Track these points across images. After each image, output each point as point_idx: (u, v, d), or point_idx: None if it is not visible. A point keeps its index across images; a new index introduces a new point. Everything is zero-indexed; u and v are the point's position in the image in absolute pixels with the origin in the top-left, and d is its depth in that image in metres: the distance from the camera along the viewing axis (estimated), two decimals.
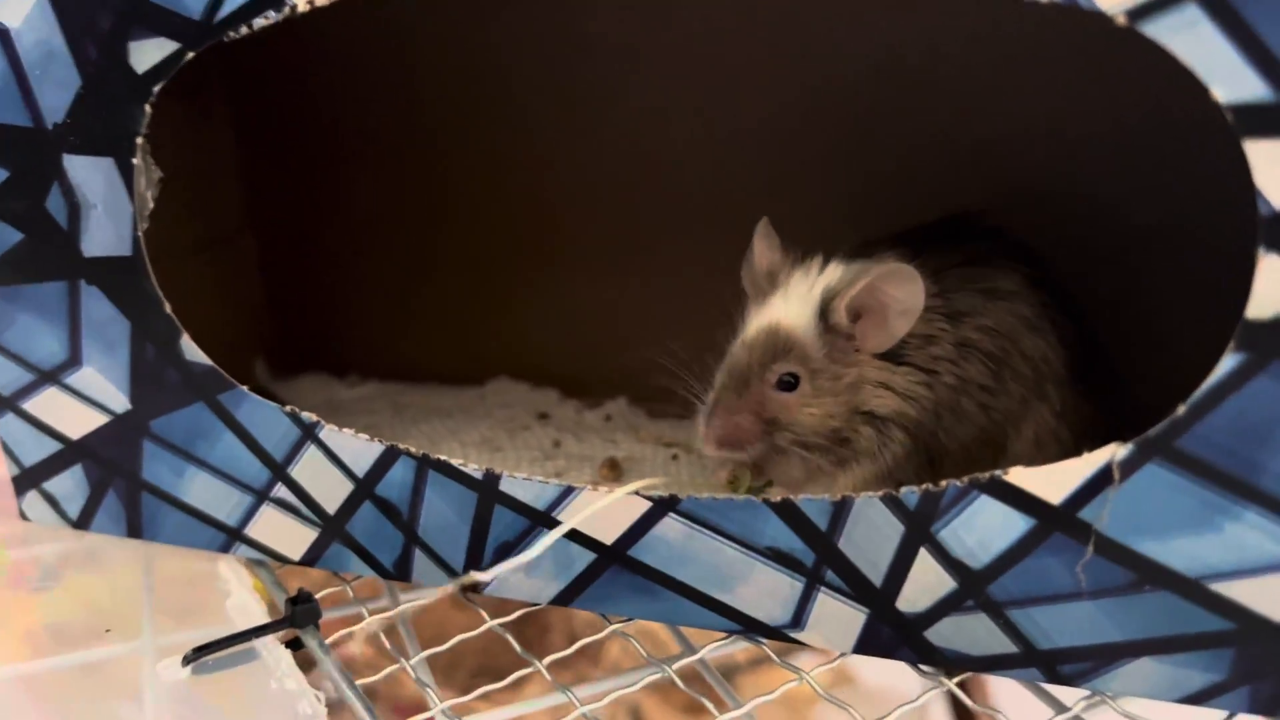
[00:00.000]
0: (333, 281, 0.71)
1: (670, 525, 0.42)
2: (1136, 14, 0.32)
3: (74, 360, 0.48)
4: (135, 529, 0.51)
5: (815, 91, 0.59)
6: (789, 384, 0.45)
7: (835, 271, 0.46)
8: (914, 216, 0.51)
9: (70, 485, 0.51)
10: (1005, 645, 0.39)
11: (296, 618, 0.45)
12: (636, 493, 0.42)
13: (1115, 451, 0.36)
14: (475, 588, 0.46)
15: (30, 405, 0.49)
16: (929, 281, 0.44)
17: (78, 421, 0.49)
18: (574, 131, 0.64)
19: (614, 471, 0.57)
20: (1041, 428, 0.45)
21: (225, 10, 0.41)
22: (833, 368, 0.45)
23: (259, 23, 0.41)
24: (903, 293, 0.43)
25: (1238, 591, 0.36)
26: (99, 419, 0.49)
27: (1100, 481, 0.36)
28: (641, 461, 0.58)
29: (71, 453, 0.50)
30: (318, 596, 0.47)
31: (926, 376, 0.44)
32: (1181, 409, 0.35)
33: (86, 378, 0.48)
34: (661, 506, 0.42)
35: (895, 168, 0.58)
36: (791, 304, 0.46)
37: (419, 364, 0.70)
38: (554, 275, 0.67)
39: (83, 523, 0.51)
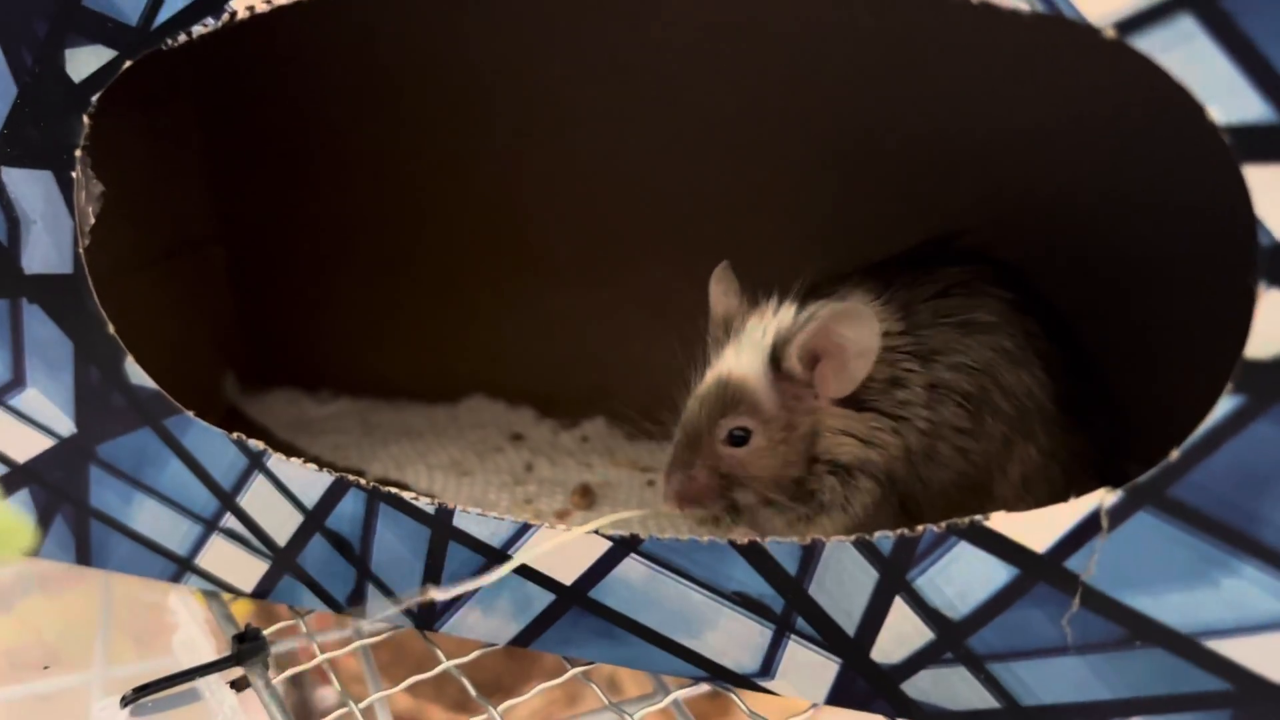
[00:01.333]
0: (305, 294, 0.69)
1: (632, 567, 0.40)
2: (1126, 26, 0.30)
3: (18, 381, 0.46)
4: (85, 556, 0.49)
5: (799, 100, 0.57)
6: (740, 438, 0.43)
7: (787, 314, 0.43)
8: (899, 229, 0.48)
9: (18, 510, 0.49)
10: (986, 700, 0.37)
11: (242, 655, 0.43)
12: (596, 531, 0.40)
13: (1103, 498, 0.33)
14: (431, 622, 0.44)
15: None
16: (896, 318, 0.42)
17: (23, 444, 0.47)
18: (551, 142, 0.62)
19: (585, 499, 0.55)
20: (1029, 467, 0.43)
21: (162, 17, 0.38)
22: (786, 417, 0.42)
23: (197, 30, 0.38)
24: (856, 333, 0.40)
25: (1235, 650, 0.34)
26: (45, 442, 0.47)
27: (1087, 529, 0.34)
28: (616, 487, 0.56)
29: (18, 476, 0.48)
30: (275, 629, 0.45)
31: (893, 422, 0.42)
32: (1175, 454, 0.32)
33: (31, 399, 0.46)
34: (622, 547, 0.40)
35: (882, 180, 0.56)
36: (743, 353, 0.43)
37: (392, 380, 0.68)
38: (532, 290, 0.65)
39: (32, 549, 0.49)
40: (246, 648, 0.43)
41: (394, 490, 0.42)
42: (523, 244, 0.64)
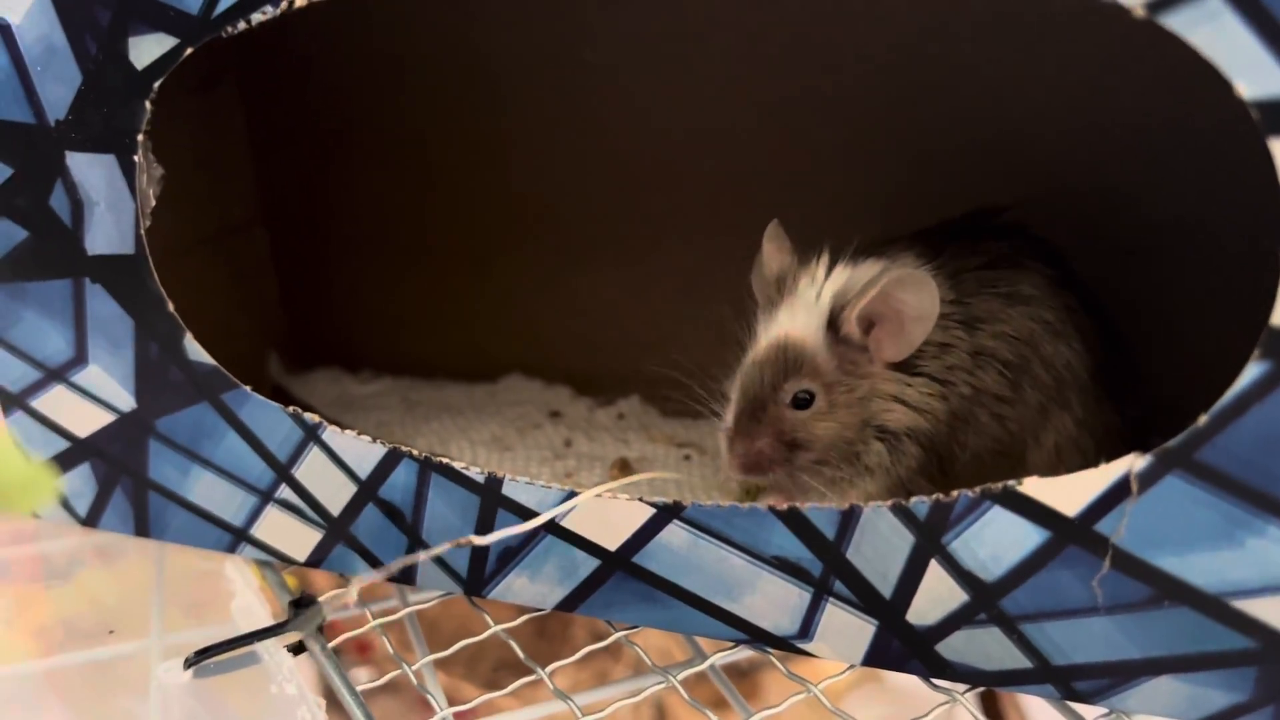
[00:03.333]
0: (346, 276, 0.71)
1: (674, 532, 0.42)
2: (1155, 6, 0.31)
3: (80, 358, 0.48)
4: (143, 528, 0.51)
5: (831, 80, 0.58)
6: (804, 401, 0.44)
7: (843, 276, 0.45)
8: (931, 211, 0.50)
9: (79, 483, 0.51)
10: (1019, 660, 0.38)
11: (298, 621, 0.45)
12: (641, 498, 0.41)
13: (1133, 463, 0.35)
14: (479, 588, 0.46)
15: (38, 403, 0.49)
16: (946, 286, 0.43)
17: (85, 419, 0.49)
18: (585, 124, 0.63)
19: (624, 472, 0.56)
20: (1062, 437, 0.44)
21: (223, 5, 0.40)
22: (846, 380, 0.44)
23: (256, 18, 0.40)
24: (917, 299, 0.42)
25: (1260, 609, 0.35)
26: (106, 417, 0.49)
27: (1118, 493, 0.35)
28: (654, 462, 0.58)
29: (79, 450, 0.50)
30: (326, 597, 0.47)
31: (941, 387, 0.43)
32: (1203, 419, 0.34)
33: (93, 376, 0.48)
34: (665, 513, 0.41)
35: (913, 161, 0.57)
36: (798, 315, 0.45)
37: (431, 360, 0.70)
38: (566, 271, 0.66)
39: (91, 520, 0.52)
40: (302, 613, 0.46)
41: (444, 459, 0.44)
42: (556, 225, 0.66)
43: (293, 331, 0.72)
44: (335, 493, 0.46)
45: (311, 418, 0.46)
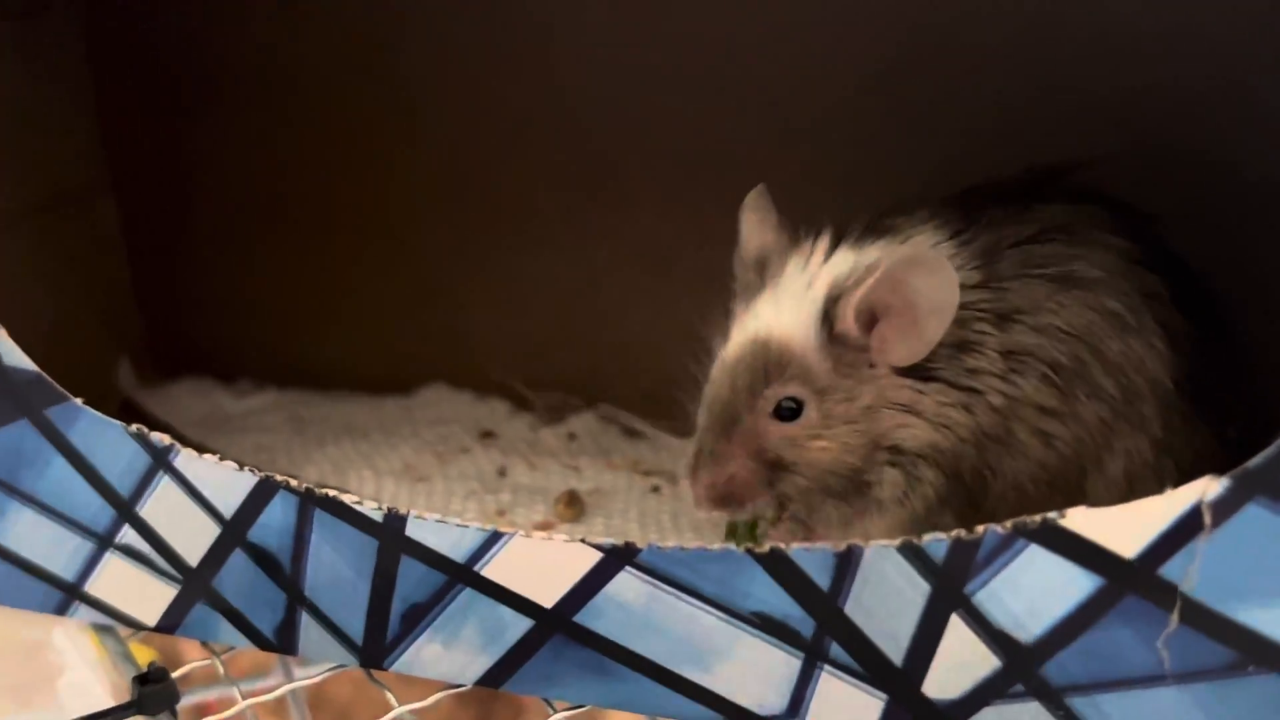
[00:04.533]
0: (219, 260, 0.71)
1: (628, 583, 0.42)
2: None
3: None
4: None
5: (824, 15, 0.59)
6: (790, 411, 0.44)
7: (843, 260, 0.45)
8: (957, 174, 0.50)
9: None
10: None
11: (145, 702, 0.45)
12: (584, 539, 0.42)
13: (1206, 489, 0.35)
14: (379, 659, 0.46)
15: None
16: (973, 266, 0.44)
17: None
18: (527, 68, 0.64)
19: (573, 509, 0.57)
20: (1135, 463, 0.44)
21: None
22: (844, 384, 0.44)
23: None
24: (930, 286, 0.42)
25: None
26: None
27: (1187, 528, 0.36)
28: (612, 496, 0.58)
29: None
30: (180, 673, 0.47)
31: (965, 396, 0.44)
32: None
33: None
34: (615, 558, 0.42)
35: (929, 116, 0.58)
36: (784, 305, 0.45)
37: (328, 367, 0.70)
38: (504, 252, 0.67)
39: None
40: (150, 692, 0.46)
41: (332, 493, 0.44)
42: (492, 195, 0.67)
43: (150, 331, 0.72)
44: (193, 536, 0.47)
45: (161, 439, 0.46)
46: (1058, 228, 0.46)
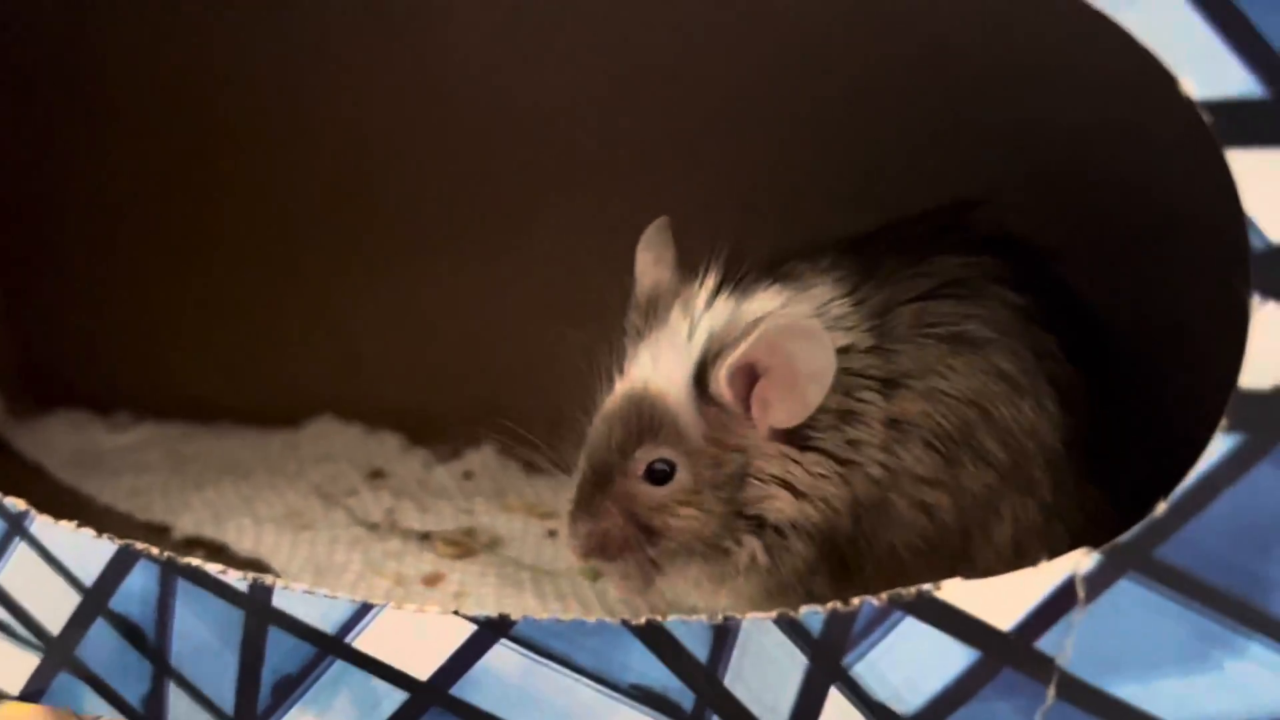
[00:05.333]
0: (93, 285, 0.72)
1: (503, 656, 0.43)
2: None
3: None
4: None
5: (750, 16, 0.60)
6: (662, 475, 0.45)
7: (725, 309, 0.46)
8: (880, 192, 0.52)
9: None
10: None
11: None
12: (456, 612, 0.43)
13: (1079, 562, 0.37)
14: None
15: None
16: (866, 328, 0.45)
17: None
18: (416, 71, 0.65)
19: (460, 547, 0.58)
20: (1022, 527, 0.46)
21: None
22: (714, 451, 0.45)
23: None
24: (806, 353, 0.43)
25: None
26: None
27: (1062, 601, 0.38)
28: (508, 541, 0.60)
29: None
30: None
31: (842, 468, 0.45)
32: (1162, 507, 0.36)
33: None
34: (489, 631, 0.43)
35: (856, 130, 0.60)
36: (663, 357, 0.46)
37: (210, 399, 0.71)
38: (395, 273, 0.68)
39: None
40: None
41: (194, 562, 0.45)
42: (381, 210, 0.68)
43: (17, 359, 0.72)
44: (54, 605, 0.48)
45: (15, 504, 0.47)
46: (953, 282, 0.47)
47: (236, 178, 0.69)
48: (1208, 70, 0.33)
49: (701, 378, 0.45)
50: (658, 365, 0.46)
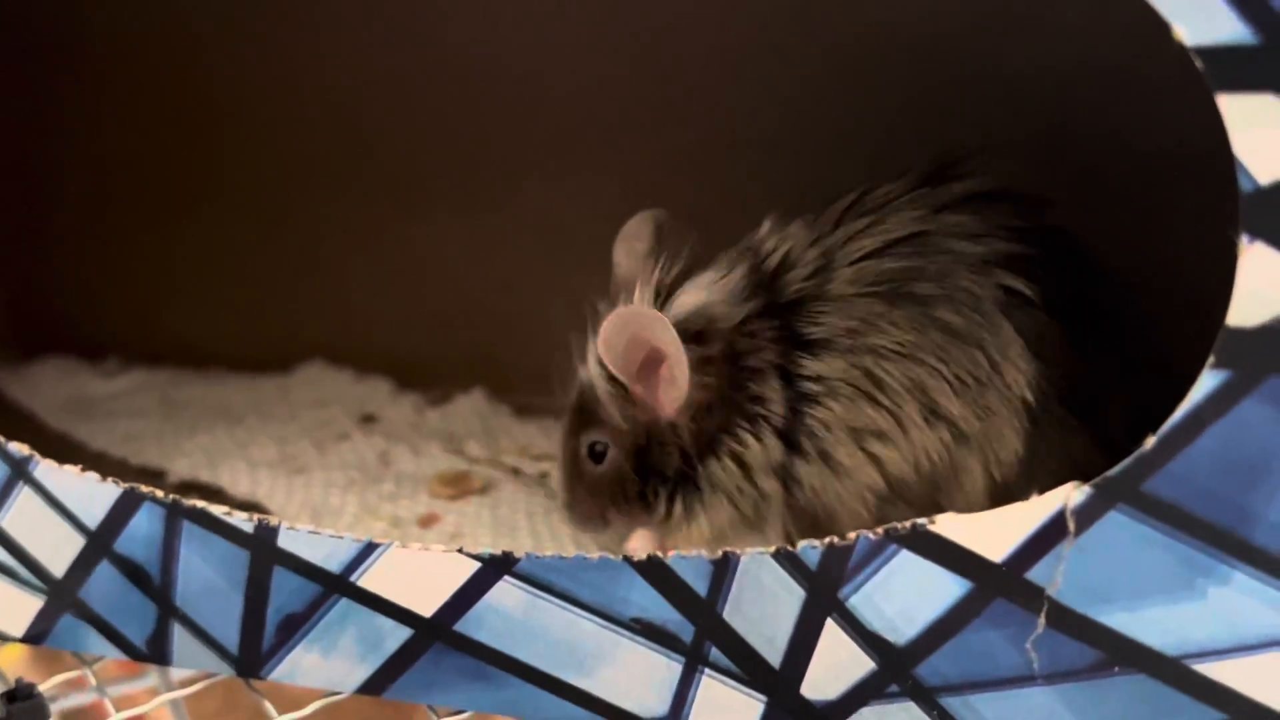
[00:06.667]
0: (81, 230, 0.72)
1: (506, 591, 0.44)
2: None
3: None
4: None
5: None
6: (599, 455, 0.50)
7: (646, 295, 0.49)
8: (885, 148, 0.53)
9: None
10: None
11: (14, 718, 0.47)
12: (461, 549, 0.44)
13: (1069, 496, 0.38)
14: (256, 668, 0.48)
15: None
16: (788, 293, 0.48)
17: None
18: (408, 21, 0.65)
19: (455, 487, 0.59)
20: (996, 480, 0.47)
21: None
22: (633, 430, 0.49)
23: None
24: (648, 336, 0.46)
25: (1229, 673, 0.39)
26: None
27: (1052, 534, 0.39)
28: (501, 484, 0.61)
29: None
30: (51, 685, 0.49)
31: (749, 424, 0.48)
32: (1150, 441, 0.37)
33: None
34: (494, 567, 0.44)
35: (856, 89, 0.60)
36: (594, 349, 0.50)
37: (201, 343, 0.72)
38: (386, 221, 0.68)
39: None
40: (19, 708, 0.47)
41: (200, 504, 0.46)
42: (374, 157, 0.68)
43: (8, 306, 0.72)
44: (57, 548, 0.48)
45: (19, 449, 0.47)
46: (904, 239, 0.47)
47: (228, 123, 0.69)
48: (1199, 18, 0.34)
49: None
50: (590, 359, 0.50)
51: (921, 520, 0.40)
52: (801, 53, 0.61)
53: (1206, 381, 0.36)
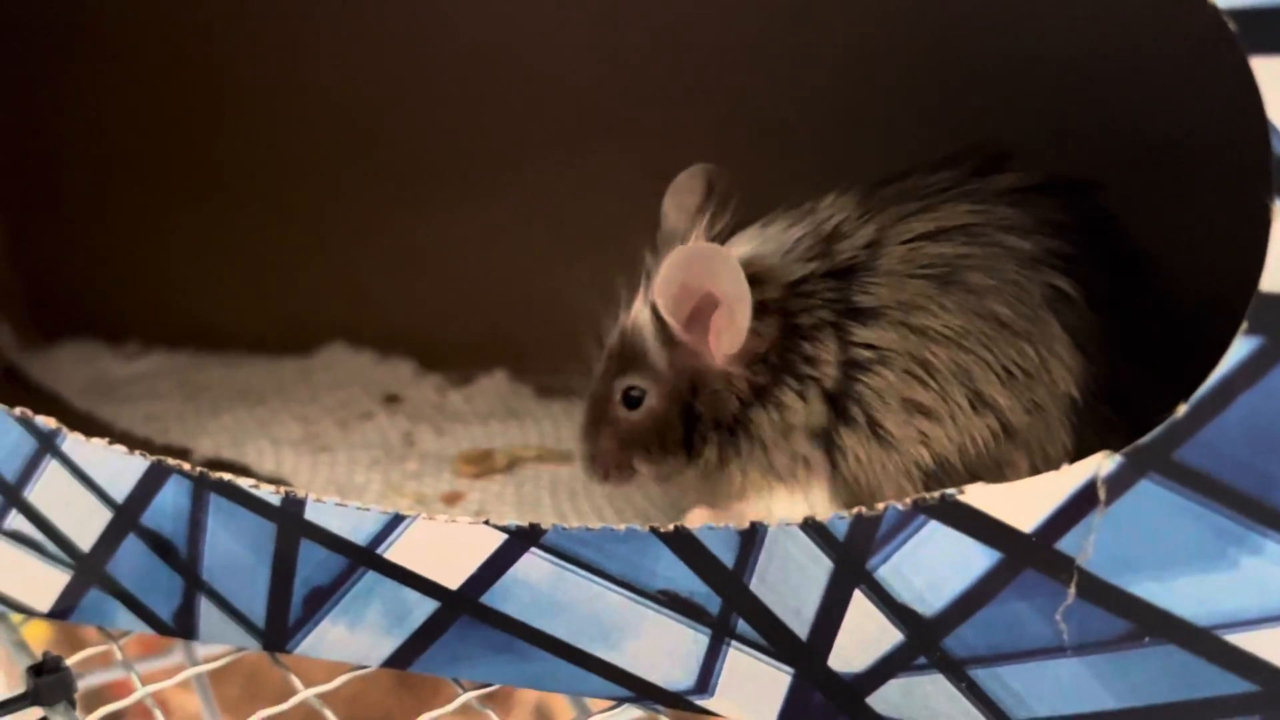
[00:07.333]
0: (102, 215, 0.72)
1: (533, 564, 0.45)
2: None
3: None
4: None
5: None
6: (635, 400, 0.50)
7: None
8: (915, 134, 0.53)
9: None
10: (970, 714, 0.42)
11: (41, 693, 0.48)
12: (487, 521, 0.44)
13: (1100, 464, 0.38)
14: (282, 642, 0.48)
15: None
16: (841, 260, 0.47)
17: None
18: (410, 13, 0.66)
19: (479, 466, 0.60)
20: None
21: None
22: (676, 378, 0.49)
23: None
24: (714, 276, 0.46)
25: (1261, 644, 0.39)
26: None
27: (1082, 503, 0.39)
28: (524, 463, 0.61)
29: None
30: (78, 659, 0.50)
31: (797, 382, 0.48)
32: (1182, 409, 0.37)
33: None
34: (519, 540, 0.44)
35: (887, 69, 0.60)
36: (641, 298, 0.50)
37: (221, 326, 0.72)
38: (405, 205, 0.69)
39: None
40: (45, 682, 0.48)
41: (227, 477, 0.46)
42: (389, 137, 0.68)
43: (28, 290, 0.73)
44: (84, 522, 0.49)
45: (46, 422, 0.48)
46: (958, 228, 0.48)
47: (243, 104, 0.69)
48: None
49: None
50: (637, 304, 0.50)
51: (951, 490, 0.40)
52: (821, 34, 0.61)
53: (1239, 348, 0.36)
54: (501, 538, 0.45)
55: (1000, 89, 0.57)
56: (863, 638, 0.42)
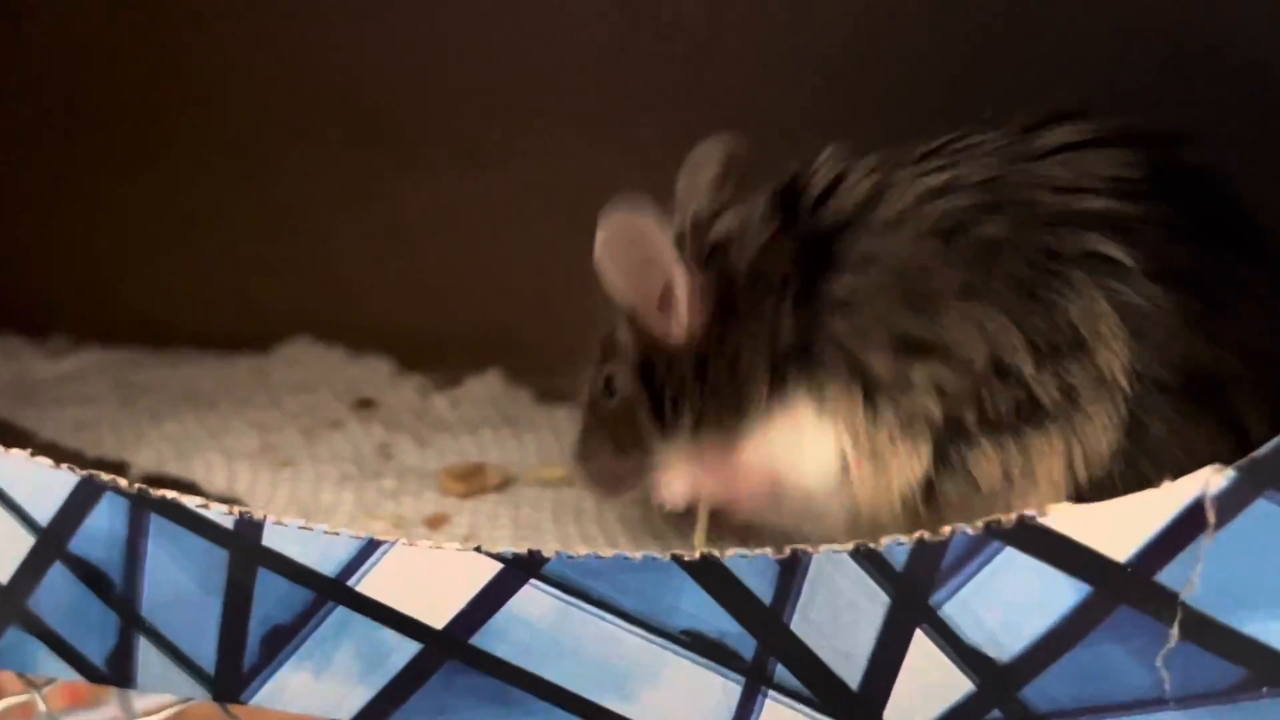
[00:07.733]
0: (24, 193, 0.72)
1: (533, 598, 0.44)
2: None
3: None
4: None
5: None
6: (612, 386, 0.53)
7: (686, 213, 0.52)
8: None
9: None
10: None
11: None
12: (479, 548, 0.44)
13: (1209, 481, 0.38)
14: (235, 691, 0.48)
15: None
16: (826, 222, 0.49)
17: None
18: None
19: (468, 483, 0.59)
20: (1081, 477, 0.47)
21: None
22: (643, 359, 0.52)
23: None
24: (635, 248, 0.49)
25: None
26: None
27: (1188, 527, 0.38)
28: (522, 478, 0.60)
29: None
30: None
31: (754, 326, 0.50)
32: None
33: None
34: (518, 569, 0.44)
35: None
36: None
37: (163, 319, 0.72)
38: (383, 178, 0.68)
39: None
40: None
41: (171, 495, 0.46)
42: (365, 111, 0.68)
43: None
44: (2, 548, 0.48)
45: None
46: (977, 184, 0.48)
47: (191, 56, 0.69)
48: None
49: None
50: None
51: (1030, 512, 0.39)
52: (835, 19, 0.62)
53: None
54: (495, 567, 0.44)
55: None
56: (925, 686, 0.42)
